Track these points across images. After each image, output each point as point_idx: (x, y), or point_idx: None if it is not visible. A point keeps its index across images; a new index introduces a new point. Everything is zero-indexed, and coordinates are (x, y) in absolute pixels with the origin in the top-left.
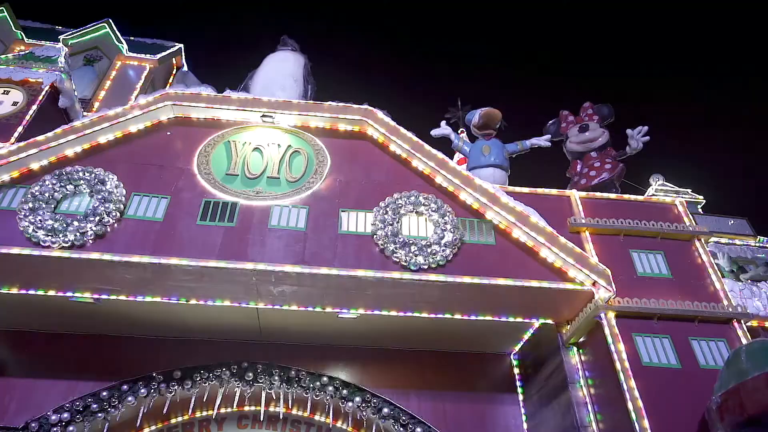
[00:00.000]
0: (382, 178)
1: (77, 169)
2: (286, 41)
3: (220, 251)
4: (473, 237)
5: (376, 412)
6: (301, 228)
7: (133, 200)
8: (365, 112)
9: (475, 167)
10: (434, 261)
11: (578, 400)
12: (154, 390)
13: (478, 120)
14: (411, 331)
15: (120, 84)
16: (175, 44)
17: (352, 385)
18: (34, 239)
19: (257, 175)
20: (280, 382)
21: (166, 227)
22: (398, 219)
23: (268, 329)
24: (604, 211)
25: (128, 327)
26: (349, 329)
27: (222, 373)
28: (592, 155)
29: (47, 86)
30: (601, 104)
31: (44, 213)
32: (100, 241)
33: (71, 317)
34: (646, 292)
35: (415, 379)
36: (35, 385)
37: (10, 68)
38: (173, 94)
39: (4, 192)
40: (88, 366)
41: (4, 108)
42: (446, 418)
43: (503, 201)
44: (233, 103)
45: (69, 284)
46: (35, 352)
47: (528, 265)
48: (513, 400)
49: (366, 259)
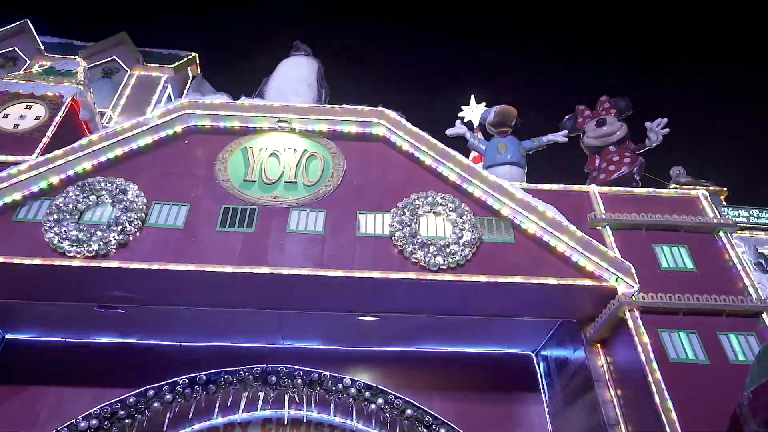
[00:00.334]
0: (399, 179)
1: (99, 180)
2: (299, 46)
3: (240, 257)
4: (492, 236)
5: (400, 413)
6: (320, 231)
7: (153, 209)
8: (379, 113)
9: (491, 165)
10: (453, 261)
11: (604, 399)
12: (179, 395)
13: (493, 118)
14: (432, 332)
15: (137, 94)
16: (190, 53)
17: (375, 387)
18: (59, 250)
19: (274, 180)
20: (303, 385)
21: (186, 234)
22: (416, 220)
23: (290, 333)
24: (625, 206)
25: (152, 333)
26: (369, 331)
27: (245, 377)
28: (611, 149)
29: (68, 100)
30: (618, 97)
31: (68, 224)
32: (122, 249)
33: (97, 325)
34: (670, 287)
35: (437, 380)
36: (64, 393)
37: (31, 83)
38: (191, 102)
39: (29, 204)
40: (114, 373)
41: (28, 122)
42: (469, 418)
43: (521, 198)
44: (248, 110)
45: (94, 293)
46: (63, 360)
47: (548, 263)
48: (536, 399)
49: (385, 261)
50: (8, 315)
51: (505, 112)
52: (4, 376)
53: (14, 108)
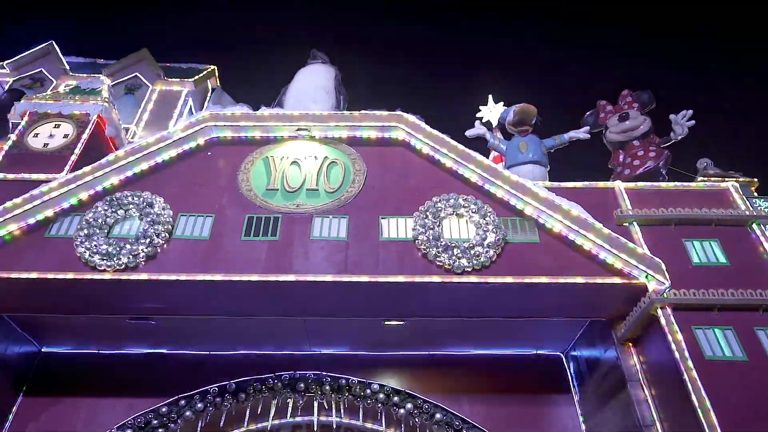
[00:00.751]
0: (420, 182)
1: (126, 194)
2: (315, 54)
3: (265, 265)
4: (516, 236)
5: (429, 418)
6: (343, 238)
7: (180, 220)
8: (398, 117)
9: (513, 165)
10: (478, 263)
11: (638, 398)
12: (210, 404)
13: (512, 117)
14: (459, 335)
15: (160, 109)
16: (209, 66)
17: (403, 392)
18: (90, 264)
19: (296, 188)
20: (331, 392)
21: (212, 245)
22: (439, 222)
23: (316, 339)
24: (652, 201)
25: (182, 343)
26: (396, 336)
27: (274, 385)
28: (635, 144)
29: (94, 117)
30: (640, 91)
31: (98, 238)
32: (151, 262)
33: (128, 336)
34: (703, 283)
35: (466, 383)
36: (99, 403)
37: (59, 103)
38: (211, 115)
39: (60, 221)
40: (146, 383)
41: (57, 141)
42: (500, 421)
43: (545, 197)
44: (269, 120)
45: (125, 305)
46: (97, 372)
47: (575, 262)
48: (568, 400)
49: (409, 265)
50: (44, 329)
51: (524, 111)
52: (42, 388)
53: (43, 128)
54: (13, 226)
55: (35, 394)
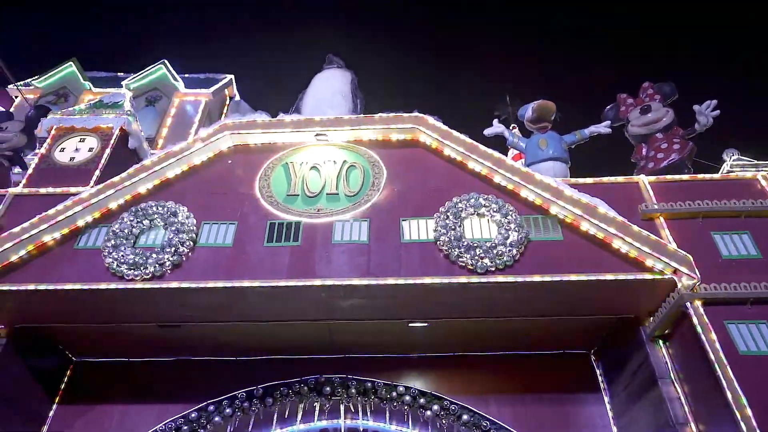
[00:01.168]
0: (439, 183)
1: (151, 205)
2: (331, 59)
3: (289, 270)
4: (539, 234)
5: (456, 419)
6: (364, 241)
7: (203, 229)
8: (416, 119)
9: (533, 162)
10: (501, 262)
11: (670, 396)
12: (238, 408)
13: (531, 114)
14: (484, 335)
15: (180, 120)
16: (226, 76)
17: (429, 394)
18: (118, 274)
19: (317, 193)
20: (357, 394)
21: (236, 252)
22: (460, 223)
23: (341, 343)
24: (678, 194)
25: (209, 349)
26: (420, 338)
27: (300, 389)
28: (658, 137)
29: (117, 130)
30: (661, 82)
31: (125, 248)
32: (177, 270)
33: (157, 344)
34: (734, 276)
35: (492, 383)
36: (130, 410)
37: (83, 117)
38: (231, 123)
39: (88, 232)
40: (175, 389)
41: (82, 155)
42: (529, 421)
43: (567, 194)
44: (287, 126)
45: (153, 313)
46: (127, 379)
47: (600, 258)
48: (598, 399)
49: (431, 266)
50: (76, 339)
51: (543, 108)
52: (75, 396)
53: (69, 142)
54: (46, 238)
55: (69, 402)
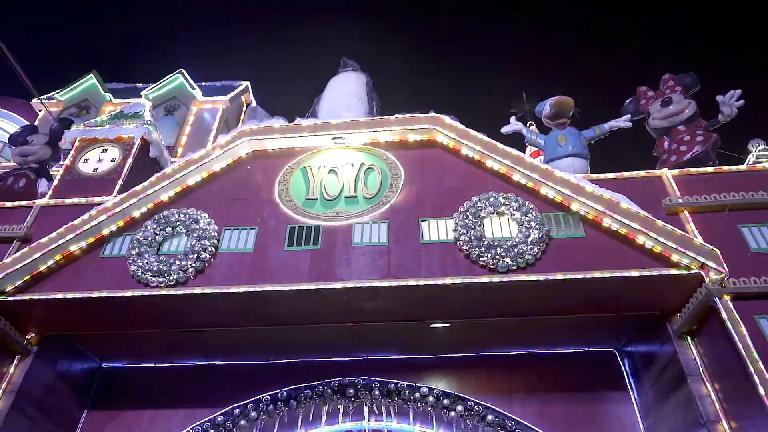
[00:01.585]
0: (458, 183)
1: (173, 212)
2: (346, 62)
3: (310, 274)
4: (560, 231)
5: (481, 419)
6: (384, 242)
7: (224, 234)
8: (432, 119)
9: (552, 159)
10: (523, 260)
11: (700, 393)
12: (263, 412)
13: (549, 110)
14: (507, 335)
15: (198, 128)
16: (242, 83)
17: (453, 394)
18: (143, 281)
19: (335, 196)
20: (381, 396)
21: (257, 256)
22: (480, 222)
23: (363, 345)
24: (703, 187)
25: (234, 354)
26: (443, 338)
27: (324, 391)
28: (680, 129)
29: (138, 140)
30: (682, 74)
31: (149, 256)
32: (200, 276)
33: (182, 349)
34: (764, 270)
35: (516, 383)
36: (157, 415)
37: (105, 128)
38: (248, 129)
39: (113, 241)
40: (202, 393)
41: (105, 165)
42: (554, 421)
43: (588, 190)
44: (304, 130)
45: (178, 319)
46: (155, 384)
47: (624, 255)
48: (624, 397)
49: (452, 266)
50: (104, 345)
51: (561, 104)
52: (104, 402)
53: (92, 153)
54: (73, 248)
55: (99, 408)
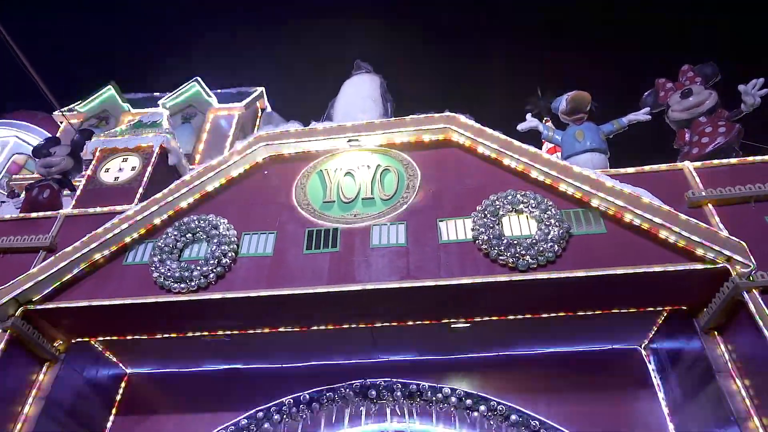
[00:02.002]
0: (475, 182)
1: (192, 219)
2: (359, 65)
3: (329, 276)
4: (581, 228)
5: (504, 419)
6: (402, 243)
7: (244, 240)
8: (448, 119)
9: (570, 155)
10: (543, 258)
11: (730, 390)
12: (286, 415)
13: (565, 106)
14: (529, 334)
15: (215, 134)
16: (257, 88)
17: (475, 395)
18: (166, 287)
19: (352, 198)
20: (403, 397)
21: (276, 260)
22: (498, 221)
23: (384, 346)
24: (727, 179)
25: (256, 357)
26: (464, 338)
27: (346, 393)
28: (702, 120)
29: (157, 148)
30: (701, 64)
31: (171, 263)
32: (221, 281)
33: (205, 353)
34: None
35: (540, 382)
36: (183, 419)
37: (125, 138)
38: (265, 135)
39: (135, 248)
40: (225, 397)
41: (126, 174)
42: (579, 420)
43: (608, 185)
44: (320, 134)
45: (200, 324)
46: (179, 389)
47: (647, 250)
48: (651, 395)
49: (471, 266)
50: (129, 351)
51: (577, 99)
52: (130, 407)
53: (113, 162)
54: (96, 256)
55: (125, 413)
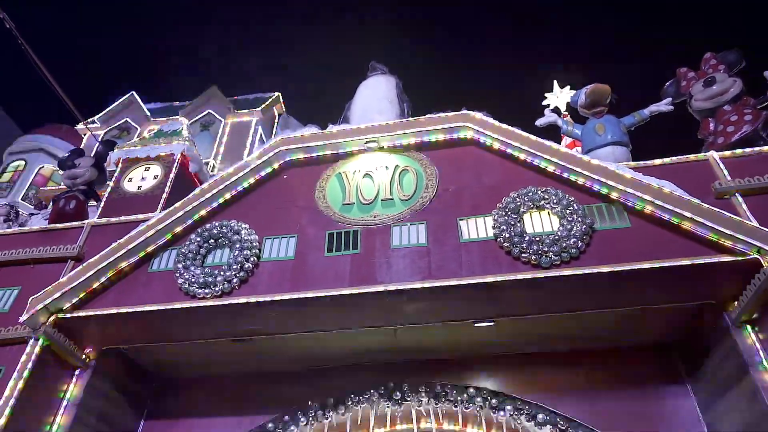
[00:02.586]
0: (494, 179)
1: (214, 225)
2: (375, 66)
3: (351, 278)
4: (604, 223)
5: (531, 419)
6: (423, 243)
7: (265, 244)
8: (464, 117)
9: (591, 149)
10: (567, 255)
11: (764, 385)
12: (312, 418)
13: (584, 99)
14: (554, 331)
15: (233, 141)
16: (273, 94)
17: (501, 394)
18: (191, 293)
19: (371, 200)
20: (428, 399)
21: (298, 264)
22: (519, 218)
23: (407, 347)
24: (755, 168)
25: (280, 361)
26: (488, 337)
27: (371, 396)
28: (726, 109)
29: (178, 156)
30: (725, 51)
31: (195, 269)
32: (244, 286)
33: (229, 358)
34: None
35: (566, 381)
36: (212, 423)
37: (147, 147)
38: (282, 139)
39: (160, 255)
40: (251, 401)
41: (148, 183)
42: (608, 418)
43: (631, 178)
44: (337, 136)
45: (225, 329)
46: (207, 393)
47: (674, 244)
48: (682, 392)
49: (493, 264)
50: (157, 357)
51: (597, 92)
52: (159, 412)
53: (135, 172)
54: (122, 264)
55: (154, 418)
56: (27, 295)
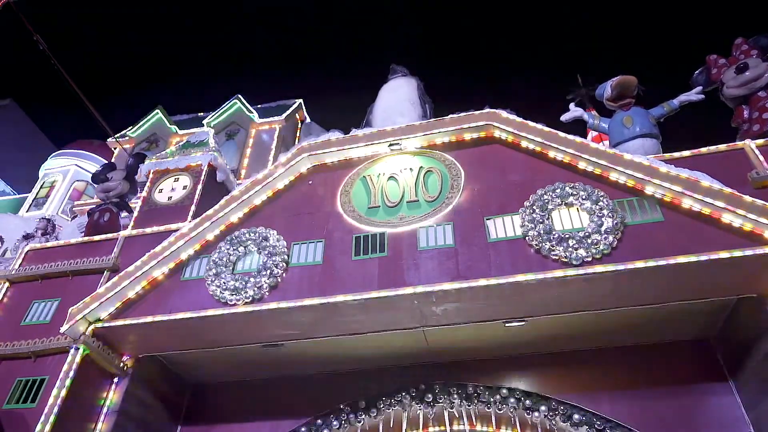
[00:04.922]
0: (520, 177)
1: (243, 232)
2: (395, 69)
3: (379, 281)
4: (636, 217)
5: (566, 419)
6: (450, 244)
7: (293, 249)
8: (488, 115)
9: (619, 142)
10: (598, 251)
11: None
12: (345, 421)
13: (610, 92)
14: (587, 330)
15: (258, 149)
16: (295, 101)
17: (534, 394)
18: (222, 300)
19: (397, 202)
20: (460, 400)
21: (326, 268)
22: (548, 215)
23: (438, 349)
24: None
25: (311, 365)
26: (519, 337)
27: (402, 398)
28: (761, 95)
29: (205, 166)
30: (756, 36)
31: (226, 276)
32: (274, 291)
33: (261, 363)
34: None
35: (602, 379)
36: (245, 428)
37: (175, 159)
38: (307, 145)
39: (192, 264)
40: (284, 406)
41: (178, 193)
42: (647, 418)
43: (663, 171)
44: (360, 140)
45: (256, 334)
46: (241, 398)
47: (710, 236)
48: (725, 389)
49: (523, 263)
50: (191, 364)
51: (623, 84)
52: (195, 418)
53: (165, 183)
54: (156, 273)
55: (191, 423)
56: (66, 305)
